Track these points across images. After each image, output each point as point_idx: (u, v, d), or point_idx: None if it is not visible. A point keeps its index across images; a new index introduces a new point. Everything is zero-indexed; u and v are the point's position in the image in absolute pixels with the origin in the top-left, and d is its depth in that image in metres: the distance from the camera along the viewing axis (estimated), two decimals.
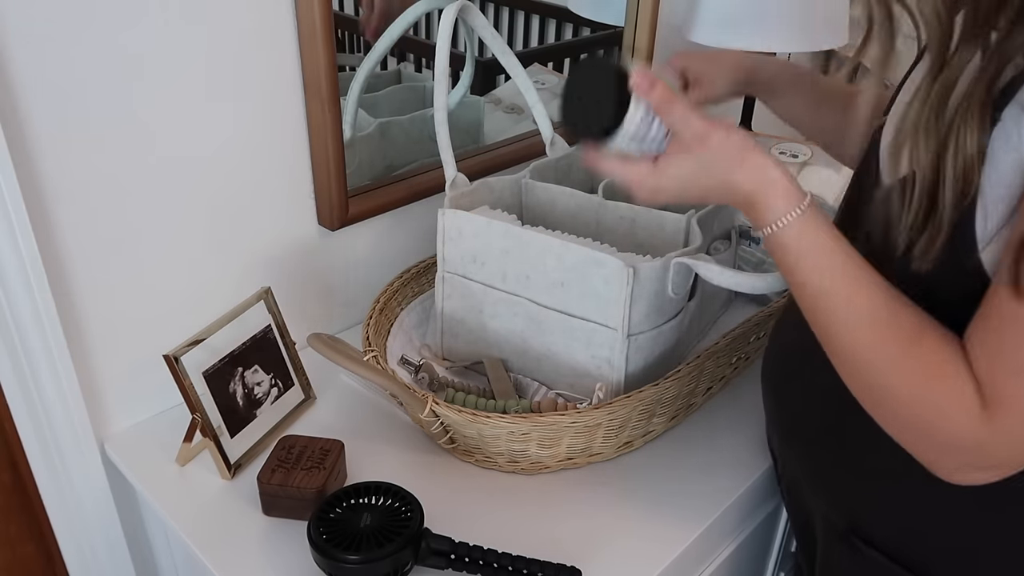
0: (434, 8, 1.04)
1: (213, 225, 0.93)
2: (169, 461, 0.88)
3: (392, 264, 1.12)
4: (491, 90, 1.23)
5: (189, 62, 0.83)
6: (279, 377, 0.93)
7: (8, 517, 1.01)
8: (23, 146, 0.75)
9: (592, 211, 1.00)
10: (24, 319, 0.80)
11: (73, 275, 0.83)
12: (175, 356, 0.82)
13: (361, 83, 1.03)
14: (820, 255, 0.61)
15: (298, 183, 0.99)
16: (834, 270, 0.61)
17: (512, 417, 0.81)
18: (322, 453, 0.83)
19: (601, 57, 0.72)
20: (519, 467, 0.87)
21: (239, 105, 0.89)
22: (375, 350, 0.89)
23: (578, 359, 0.91)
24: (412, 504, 0.76)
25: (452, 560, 0.75)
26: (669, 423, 0.94)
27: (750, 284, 0.81)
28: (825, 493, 0.76)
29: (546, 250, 0.87)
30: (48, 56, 0.74)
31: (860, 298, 0.59)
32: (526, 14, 1.29)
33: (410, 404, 0.83)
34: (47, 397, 0.85)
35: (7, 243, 0.76)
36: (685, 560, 0.82)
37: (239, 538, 0.80)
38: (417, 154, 1.12)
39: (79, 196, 0.80)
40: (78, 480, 0.92)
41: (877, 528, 0.71)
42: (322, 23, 0.87)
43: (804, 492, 0.81)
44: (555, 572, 0.74)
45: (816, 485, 0.77)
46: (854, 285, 0.60)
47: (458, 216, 0.92)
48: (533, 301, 0.91)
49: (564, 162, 1.08)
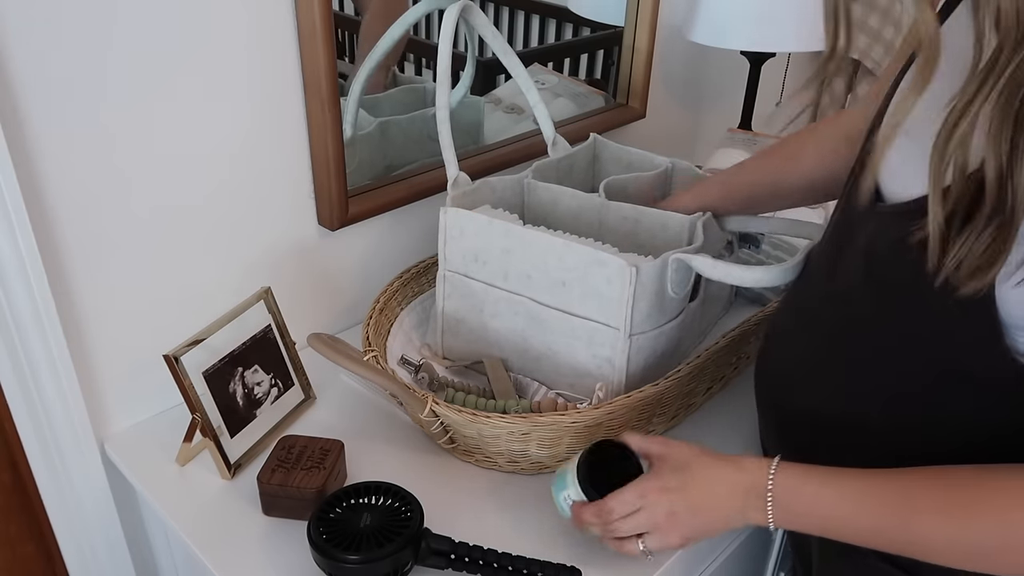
0: (434, 9, 1.04)
1: (213, 225, 0.93)
2: (169, 461, 0.88)
3: (392, 264, 1.12)
4: (491, 90, 1.23)
5: (189, 62, 0.83)
6: (279, 377, 0.93)
7: (8, 517, 1.01)
8: (23, 146, 0.75)
9: (594, 211, 0.99)
10: (24, 319, 0.80)
11: (73, 275, 0.83)
12: (175, 356, 0.82)
13: (361, 83, 1.03)
14: (834, 507, 0.63)
15: (298, 183, 0.99)
16: (857, 511, 0.61)
17: (512, 417, 0.81)
18: (322, 453, 0.83)
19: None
20: (519, 467, 0.87)
21: (239, 105, 0.89)
22: (375, 350, 0.89)
23: (579, 358, 0.90)
24: (412, 504, 0.76)
25: (452, 560, 0.75)
26: (669, 423, 0.94)
27: (739, 276, 0.83)
28: None
29: (548, 249, 0.87)
30: (48, 56, 0.74)
31: (903, 511, 0.60)
32: (526, 14, 1.29)
33: (410, 404, 0.83)
34: (47, 397, 0.85)
35: (7, 242, 0.76)
36: (686, 559, 0.82)
37: (239, 538, 0.79)
38: (417, 154, 1.12)
39: (79, 196, 0.80)
40: (78, 480, 0.92)
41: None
42: (322, 23, 0.87)
43: None
44: (555, 572, 0.74)
45: None
46: (884, 507, 0.60)
47: (460, 215, 0.92)
48: (534, 300, 0.91)
49: (566, 162, 1.08)
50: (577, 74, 1.35)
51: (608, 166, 1.13)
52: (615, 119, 1.33)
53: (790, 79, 1.63)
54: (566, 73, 1.35)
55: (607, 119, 1.32)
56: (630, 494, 0.70)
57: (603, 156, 1.14)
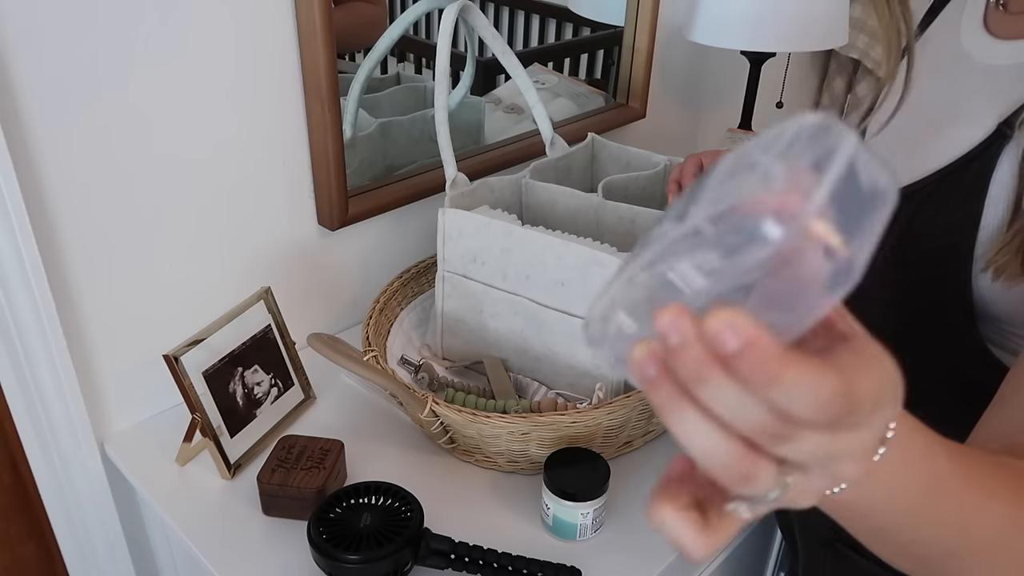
0: (434, 8, 1.04)
1: (213, 225, 0.93)
2: (169, 461, 0.88)
3: (392, 264, 1.12)
4: (491, 90, 1.23)
5: (189, 62, 0.83)
6: (279, 377, 0.93)
7: (8, 517, 1.01)
8: (23, 146, 0.75)
9: (592, 211, 1.00)
10: (24, 319, 0.80)
11: (73, 275, 0.83)
12: (175, 356, 0.82)
13: (361, 83, 1.03)
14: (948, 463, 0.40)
15: (298, 183, 0.99)
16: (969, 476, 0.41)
17: (512, 417, 0.81)
18: (322, 453, 0.83)
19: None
20: (519, 467, 0.87)
21: (239, 105, 0.89)
22: (375, 350, 0.89)
23: (578, 358, 0.91)
24: (412, 504, 0.76)
25: (452, 560, 0.75)
26: None
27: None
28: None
29: (546, 249, 0.87)
30: (48, 56, 0.74)
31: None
32: (526, 14, 1.29)
33: (410, 404, 0.83)
34: (47, 397, 0.85)
35: (7, 243, 0.76)
36: (685, 559, 0.82)
37: (239, 538, 0.80)
38: (417, 154, 1.12)
39: (79, 196, 0.80)
40: (78, 480, 0.92)
41: None
42: (322, 23, 0.87)
43: None
44: (555, 572, 0.74)
45: None
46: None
47: (458, 216, 0.92)
48: (533, 300, 0.91)
49: (564, 162, 1.08)
50: (577, 74, 1.35)
51: (606, 166, 1.13)
52: (615, 119, 1.33)
53: (790, 79, 1.63)
54: (566, 73, 1.35)
55: (607, 119, 1.32)
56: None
57: (601, 156, 1.14)
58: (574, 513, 0.77)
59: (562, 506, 0.77)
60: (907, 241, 0.60)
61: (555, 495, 0.77)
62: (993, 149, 0.55)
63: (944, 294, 0.57)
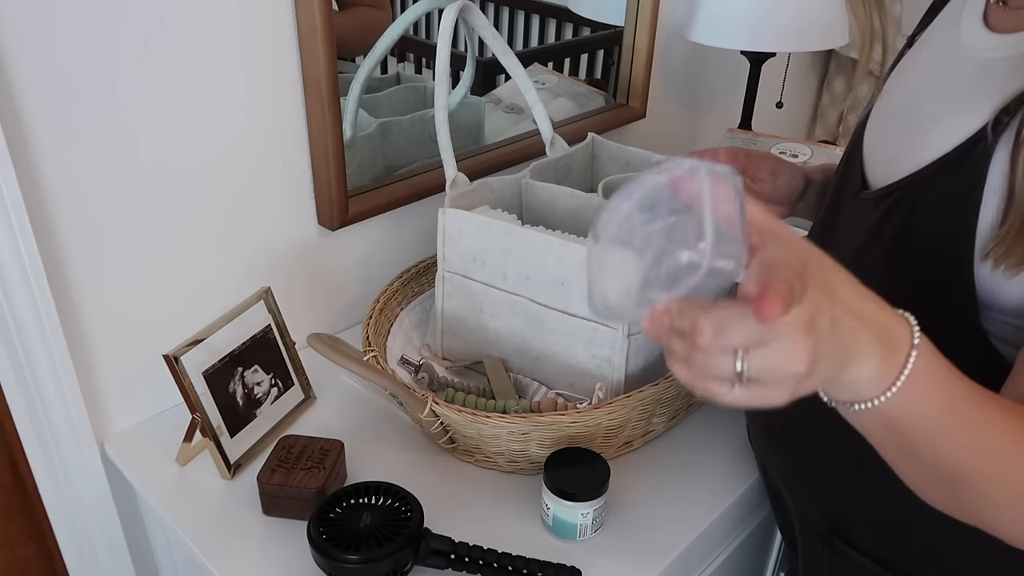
0: (434, 8, 1.04)
1: (213, 225, 0.93)
2: (169, 461, 0.88)
3: (392, 264, 1.12)
4: (491, 90, 1.23)
5: (189, 62, 0.83)
6: (279, 377, 0.93)
7: (8, 517, 1.01)
8: (23, 146, 0.75)
9: (592, 211, 0.99)
10: (24, 319, 0.80)
11: (73, 275, 0.83)
12: (175, 356, 0.82)
13: (361, 83, 1.03)
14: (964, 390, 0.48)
15: (298, 183, 0.99)
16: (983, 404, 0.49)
17: (512, 417, 0.81)
18: (322, 453, 0.83)
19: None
20: (519, 467, 0.87)
21: (239, 105, 0.89)
22: (375, 350, 0.89)
23: (578, 358, 0.91)
24: (412, 504, 0.76)
25: (452, 560, 0.75)
26: (669, 423, 0.94)
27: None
28: (807, 494, 0.76)
29: (546, 249, 0.87)
30: (48, 56, 0.74)
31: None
32: (526, 14, 1.29)
33: (410, 404, 0.83)
34: (47, 397, 0.85)
35: (7, 243, 0.76)
36: (685, 559, 0.82)
37: (239, 538, 0.80)
38: (417, 154, 1.12)
39: (79, 196, 0.80)
40: (78, 480, 0.92)
41: (858, 530, 0.71)
42: (322, 23, 0.87)
43: (784, 493, 0.81)
44: (555, 572, 0.74)
45: (795, 486, 0.77)
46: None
47: (458, 216, 0.92)
48: (533, 300, 0.91)
49: (564, 162, 1.08)
50: (577, 74, 1.35)
51: (606, 165, 1.13)
52: (615, 119, 1.33)
53: (790, 79, 1.63)
54: (566, 73, 1.35)
55: (607, 119, 1.32)
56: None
57: (601, 156, 1.14)
58: (574, 513, 0.77)
59: (562, 506, 0.77)
60: (908, 231, 0.60)
61: (555, 495, 0.77)
62: (991, 137, 0.55)
63: (946, 284, 0.57)
